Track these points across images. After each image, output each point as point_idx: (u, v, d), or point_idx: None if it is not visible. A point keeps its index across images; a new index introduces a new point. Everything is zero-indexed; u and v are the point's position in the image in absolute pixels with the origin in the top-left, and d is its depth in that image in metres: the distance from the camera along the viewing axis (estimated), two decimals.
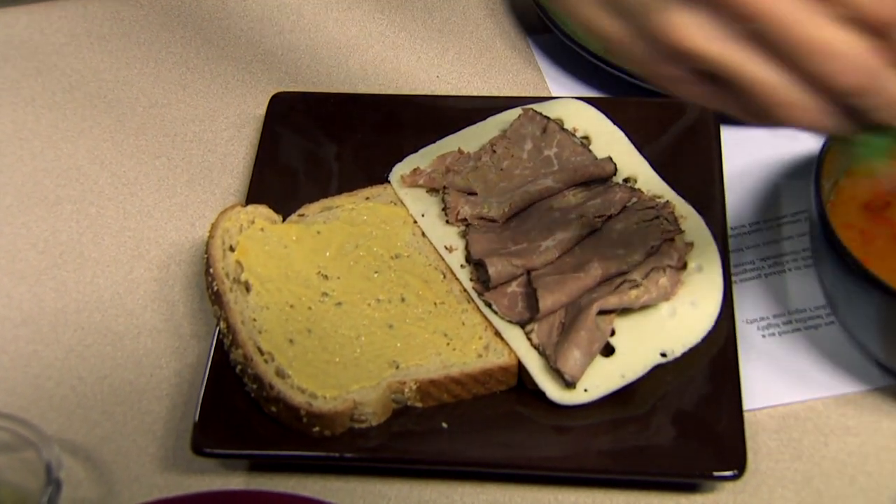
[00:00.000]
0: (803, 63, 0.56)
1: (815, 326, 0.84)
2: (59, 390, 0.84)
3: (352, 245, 0.85)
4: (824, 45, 0.55)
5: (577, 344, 0.76)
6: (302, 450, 0.76)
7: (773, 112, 0.58)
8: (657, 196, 0.86)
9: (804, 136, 0.93)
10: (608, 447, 0.75)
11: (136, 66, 1.07)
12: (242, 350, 0.79)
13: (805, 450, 0.78)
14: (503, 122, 0.92)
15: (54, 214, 0.95)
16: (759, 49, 0.56)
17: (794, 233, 0.89)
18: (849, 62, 0.55)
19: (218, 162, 0.98)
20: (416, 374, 0.77)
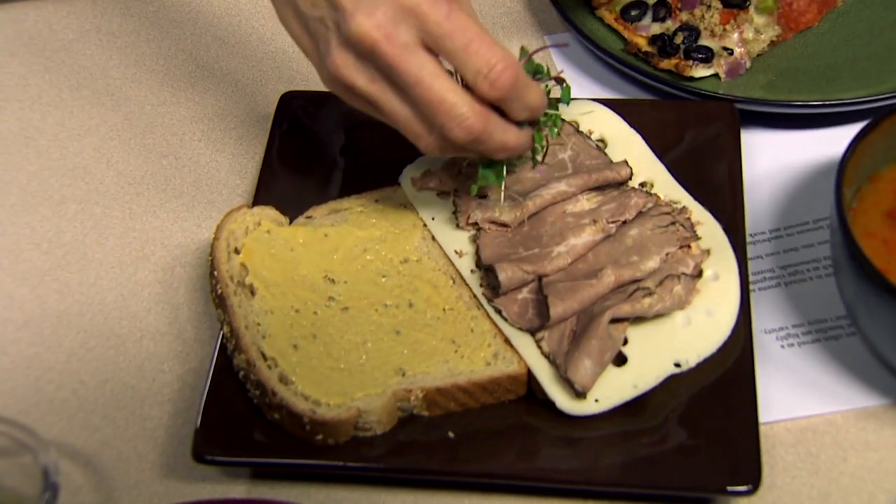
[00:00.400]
0: (430, 116, 0.72)
1: (835, 337, 0.83)
2: (60, 394, 0.84)
3: (360, 249, 0.85)
4: (446, 106, 0.71)
5: (588, 353, 0.76)
6: (305, 458, 0.76)
7: (411, 140, 0.75)
8: (674, 201, 0.85)
9: (828, 141, 0.93)
10: (619, 460, 0.75)
11: (146, 63, 1.07)
12: (245, 355, 0.78)
13: (823, 465, 0.77)
14: None
15: (59, 214, 0.95)
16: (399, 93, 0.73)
17: (815, 240, 0.88)
18: (463, 122, 0.72)
19: (226, 162, 0.98)
20: (423, 382, 0.77)
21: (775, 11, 0.99)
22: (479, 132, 0.72)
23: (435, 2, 0.71)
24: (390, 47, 0.71)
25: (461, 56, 0.71)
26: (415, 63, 0.71)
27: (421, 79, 0.71)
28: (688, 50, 0.96)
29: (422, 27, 0.71)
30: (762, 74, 0.97)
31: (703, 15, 0.98)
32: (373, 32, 0.70)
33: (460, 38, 0.71)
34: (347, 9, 0.71)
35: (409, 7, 0.70)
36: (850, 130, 0.80)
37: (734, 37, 0.97)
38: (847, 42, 0.99)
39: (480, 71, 0.71)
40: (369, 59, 0.72)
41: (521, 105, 0.74)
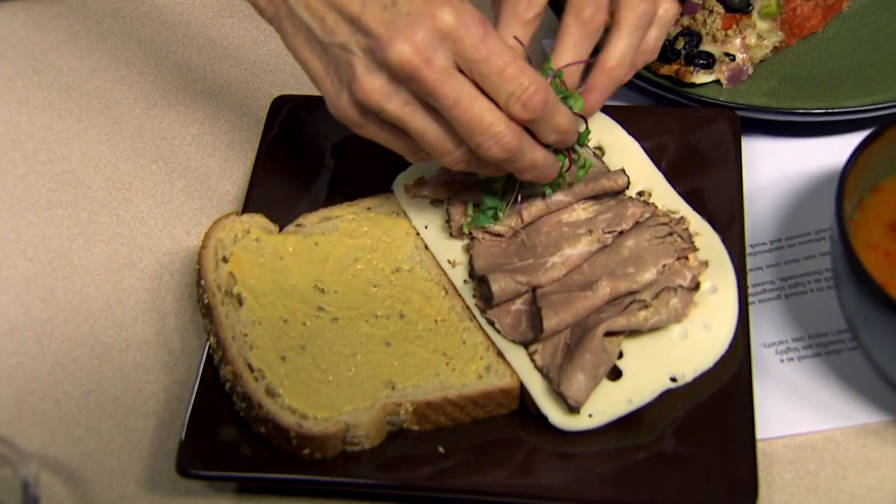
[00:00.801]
0: (467, 135, 0.74)
1: (836, 352, 0.82)
2: (43, 405, 0.84)
3: (351, 258, 0.84)
4: (484, 126, 0.73)
5: (582, 367, 0.75)
6: (291, 473, 0.75)
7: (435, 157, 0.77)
8: (672, 211, 0.85)
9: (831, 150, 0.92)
10: (613, 476, 0.74)
11: (136, 65, 1.06)
12: (232, 367, 0.78)
13: (822, 483, 0.76)
14: None
15: (45, 220, 0.95)
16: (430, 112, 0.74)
17: (817, 252, 0.87)
18: (500, 140, 0.74)
19: (216, 167, 0.98)
20: (413, 396, 0.76)
21: (779, 17, 0.99)
22: (515, 149, 0.75)
23: (470, 26, 0.72)
24: (431, 72, 0.72)
25: (495, 80, 0.73)
26: (454, 86, 0.73)
27: (460, 101, 0.73)
28: (689, 55, 0.96)
29: (458, 51, 0.72)
30: (765, 81, 0.97)
31: (705, 20, 0.97)
32: (413, 59, 0.71)
33: (495, 62, 0.73)
34: (382, 35, 0.72)
35: (445, 31, 0.72)
36: (855, 139, 0.80)
37: (736, 42, 0.96)
38: (852, 48, 0.99)
39: (514, 94, 0.73)
40: (404, 84, 0.73)
41: (550, 127, 0.76)
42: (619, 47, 0.82)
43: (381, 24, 0.72)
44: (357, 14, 0.72)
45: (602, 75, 0.83)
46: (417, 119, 0.75)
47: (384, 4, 0.72)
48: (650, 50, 0.86)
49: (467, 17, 0.72)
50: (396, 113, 0.74)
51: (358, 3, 0.73)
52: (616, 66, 0.83)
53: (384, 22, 0.72)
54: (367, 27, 0.72)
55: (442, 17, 0.72)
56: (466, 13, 0.72)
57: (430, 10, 0.72)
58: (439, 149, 0.76)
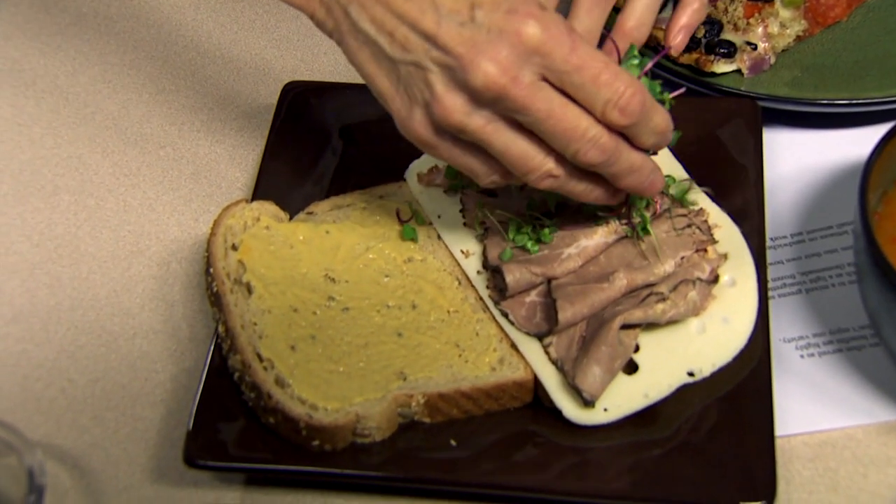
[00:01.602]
0: (562, 145, 0.72)
1: (857, 348, 0.82)
2: (48, 393, 0.84)
3: (362, 247, 0.85)
4: (580, 132, 0.71)
5: (597, 360, 0.75)
6: (301, 465, 0.76)
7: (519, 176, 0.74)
8: (691, 202, 0.85)
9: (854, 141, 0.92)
10: (627, 472, 0.74)
11: (144, 49, 1.07)
12: (241, 356, 0.78)
13: (842, 481, 0.77)
14: None
15: (51, 205, 0.95)
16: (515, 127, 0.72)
17: (839, 246, 0.88)
18: (598, 142, 0.72)
19: (226, 154, 0.98)
20: (425, 387, 0.77)
21: (802, 5, 0.99)
22: (612, 150, 0.73)
23: (558, 37, 0.70)
24: (520, 90, 0.70)
25: (590, 88, 0.71)
26: (545, 98, 0.71)
27: (552, 111, 0.71)
28: (709, 44, 0.96)
29: (546, 65, 0.70)
30: (787, 71, 0.97)
31: (727, 8, 0.98)
32: (500, 79, 0.69)
33: (589, 71, 0.70)
34: (464, 55, 0.69)
35: (532, 46, 0.69)
36: (879, 131, 0.80)
37: (758, 31, 0.97)
38: (877, 38, 0.99)
39: (610, 100, 0.71)
40: (490, 104, 0.71)
41: (649, 129, 0.74)
42: (639, 6, 0.81)
43: (461, 42, 0.69)
44: (432, 30, 0.70)
45: (621, 37, 0.81)
46: (502, 136, 0.72)
47: (461, 20, 0.69)
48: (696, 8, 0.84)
49: (553, 27, 0.70)
50: (480, 132, 0.72)
51: (432, 18, 0.70)
52: (635, 26, 0.81)
53: (464, 41, 0.69)
54: (446, 45, 0.69)
55: (527, 32, 0.69)
56: (552, 23, 0.70)
57: (514, 26, 0.69)
58: (525, 165, 0.73)
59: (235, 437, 0.77)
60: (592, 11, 0.79)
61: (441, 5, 0.70)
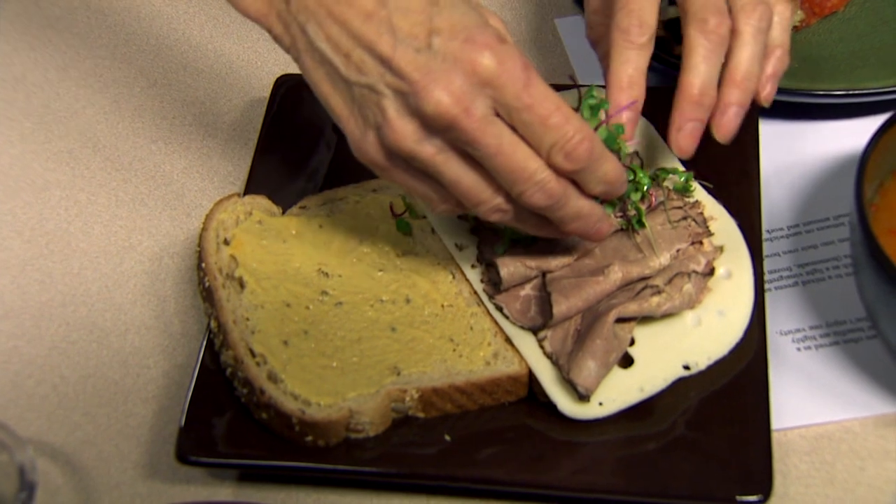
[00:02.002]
0: (508, 183, 0.71)
1: (854, 340, 0.82)
2: (40, 389, 0.84)
3: (356, 241, 0.85)
4: (527, 174, 0.70)
5: (592, 353, 0.75)
6: (294, 461, 0.76)
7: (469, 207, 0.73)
8: (688, 192, 0.85)
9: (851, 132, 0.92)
10: (623, 466, 0.74)
11: (135, 42, 1.07)
12: (233, 351, 0.78)
13: (839, 474, 0.77)
14: None
15: (42, 200, 0.95)
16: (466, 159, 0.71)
17: (836, 237, 0.88)
18: (544, 186, 0.71)
19: (218, 148, 0.98)
20: (419, 382, 0.77)
21: None
22: (559, 196, 0.72)
23: (512, 71, 0.69)
24: (470, 122, 0.68)
25: (538, 129, 0.70)
26: (495, 134, 0.69)
27: (501, 148, 0.70)
28: None
29: (498, 98, 0.69)
30: None
31: None
32: (451, 109, 0.68)
33: (538, 111, 0.69)
34: (418, 81, 0.68)
35: (485, 78, 0.68)
36: (875, 122, 0.80)
37: None
38: (874, 28, 0.99)
39: (556, 143, 0.70)
40: (440, 132, 0.70)
41: (596, 177, 0.72)
42: (745, 55, 0.79)
43: (416, 68, 0.68)
44: (388, 54, 0.68)
45: (734, 87, 0.79)
46: (452, 167, 0.71)
47: (418, 46, 0.68)
48: (780, 55, 0.83)
49: (509, 61, 0.69)
50: (430, 161, 0.71)
51: (388, 42, 0.69)
52: (746, 76, 0.80)
53: (419, 66, 0.68)
54: (400, 70, 0.68)
55: (482, 63, 0.68)
56: (508, 57, 0.69)
57: (469, 56, 0.68)
58: (474, 197, 0.72)
59: (228, 433, 0.77)
60: (709, 60, 0.78)
61: (398, 29, 0.69)
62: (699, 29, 0.78)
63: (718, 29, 0.78)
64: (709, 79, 0.78)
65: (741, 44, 0.80)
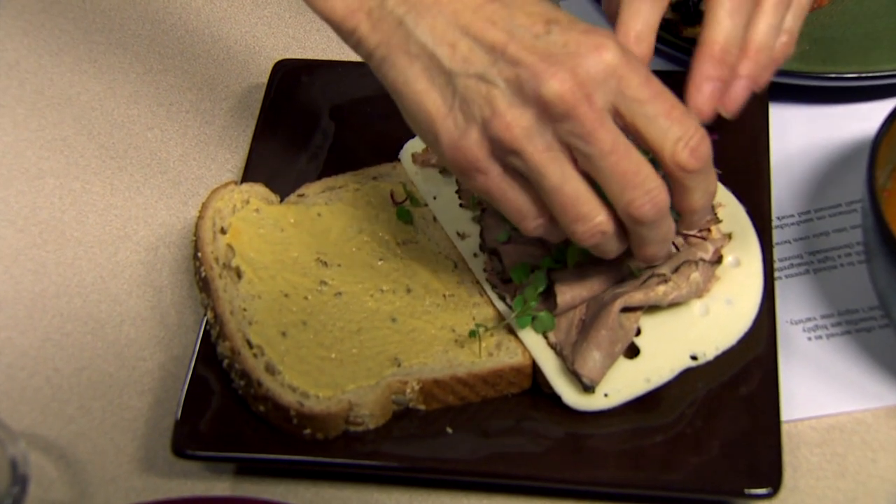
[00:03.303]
0: (618, 189, 0.68)
1: (867, 329, 0.82)
2: (33, 382, 0.84)
3: (355, 229, 0.84)
4: (640, 178, 0.67)
5: (597, 344, 0.75)
6: (292, 454, 0.76)
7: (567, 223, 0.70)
8: None
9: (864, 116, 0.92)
10: (629, 459, 0.74)
11: (131, 27, 1.06)
12: (230, 343, 0.78)
13: (850, 467, 0.77)
14: None
15: (35, 189, 0.95)
16: (574, 164, 0.68)
17: (847, 224, 0.87)
18: (655, 197, 0.68)
19: (215, 135, 0.98)
20: (420, 374, 0.77)
21: None
22: (665, 211, 0.69)
23: (636, 65, 0.67)
24: (591, 111, 0.66)
25: (662, 122, 0.67)
26: (611, 130, 0.67)
27: (616, 147, 0.67)
28: None
29: (621, 91, 0.67)
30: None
31: None
32: (574, 93, 0.65)
33: (662, 103, 0.67)
34: (537, 65, 0.66)
35: (610, 68, 0.66)
36: (889, 105, 0.80)
37: None
38: (888, 9, 0.98)
39: (682, 137, 0.67)
40: (555, 124, 0.67)
41: (704, 185, 0.70)
42: (763, 26, 0.75)
43: (534, 52, 0.66)
44: (502, 42, 0.66)
45: (745, 59, 0.75)
46: (557, 169, 0.68)
47: (536, 33, 0.67)
48: (786, 41, 0.78)
49: (629, 53, 0.67)
50: (536, 158, 0.67)
51: (503, 31, 0.67)
52: (761, 48, 0.75)
53: (538, 51, 0.66)
54: (517, 56, 0.66)
55: (607, 53, 0.66)
56: (627, 49, 0.68)
57: (594, 43, 0.66)
58: (576, 209, 0.69)
59: (225, 426, 0.77)
60: (734, 17, 0.74)
61: (513, 18, 0.67)
62: None
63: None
64: (733, 36, 0.74)
65: (761, 13, 0.75)
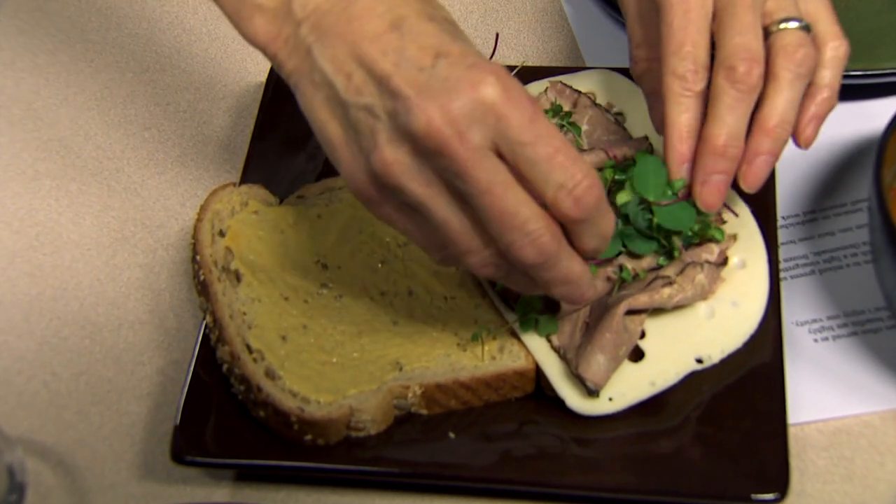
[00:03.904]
0: (497, 231, 0.66)
1: (874, 330, 0.82)
2: (30, 386, 0.84)
3: (355, 231, 0.84)
4: (519, 221, 0.66)
5: (601, 347, 0.75)
6: (293, 460, 0.75)
7: (458, 256, 0.69)
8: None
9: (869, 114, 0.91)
10: (634, 464, 0.74)
11: (127, 26, 1.06)
12: (229, 347, 0.77)
13: (858, 470, 0.76)
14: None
15: (31, 191, 0.95)
16: (457, 200, 0.67)
17: (853, 224, 0.87)
18: (536, 240, 0.66)
19: (213, 135, 0.98)
20: (422, 378, 0.76)
21: None
22: (551, 254, 0.67)
23: (518, 103, 0.65)
24: (462, 148, 0.64)
25: (543, 167, 0.65)
26: (488, 169, 0.65)
27: (493, 187, 0.65)
28: None
29: (500, 130, 0.64)
30: None
31: None
32: (444, 129, 0.64)
33: (545, 146, 0.65)
34: (412, 98, 0.64)
35: (488, 105, 0.64)
36: (895, 103, 0.79)
37: None
38: (891, 5, 0.98)
39: (565, 185, 0.65)
40: (430, 160, 0.65)
41: (595, 230, 0.68)
42: (780, 102, 0.74)
43: (412, 85, 0.64)
44: (388, 73, 0.65)
45: (764, 136, 0.74)
46: (441, 205, 0.67)
47: (421, 66, 0.65)
48: (826, 97, 0.76)
49: (515, 91, 0.65)
50: (417, 193, 0.66)
51: (391, 62, 0.65)
52: (779, 123, 0.74)
53: (416, 84, 0.64)
54: (397, 88, 0.65)
55: (486, 89, 0.64)
56: (514, 87, 0.65)
57: (474, 78, 0.64)
58: (463, 244, 0.68)
59: (225, 432, 0.76)
60: (736, 111, 0.73)
61: (404, 50, 0.66)
62: (726, 77, 0.73)
63: (748, 78, 0.73)
64: (735, 130, 0.74)
65: (776, 89, 0.74)
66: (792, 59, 0.74)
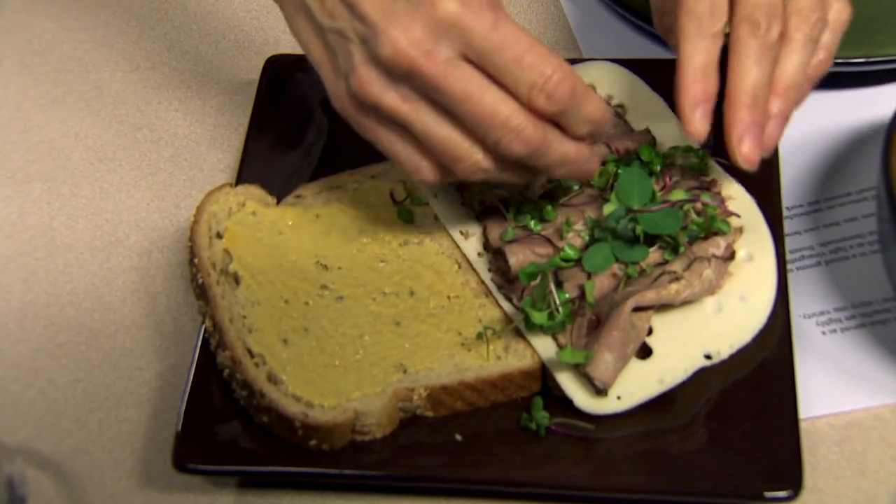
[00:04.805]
0: (482, 132, 0.70)
1: (882, 321, 0.81)
2: (26, 395, 0.83)
3: (355, 231, 0.83)
4: (501, 118, 0.69)
5: (609, 345, 0.74)
6: (297, 466, 0.75)
7: (449, 164, 0.72)
8: (701, 174, 0.83)
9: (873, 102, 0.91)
10: (643, 463, 0.73)
11: (116, 24, 1.05)
12: (230, 352, 0.77)
13: (870, 464, 0.76)
14: None
15: (23, 194, 0.94)
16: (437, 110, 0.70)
17: (860, 213, 0.86)
18: (521, 133, 0.69)
19: (206, 134, 0.97)
20: (427, 380, 0.76)
21: None
22: (538, 143, 0.70)
23: (478, 12, 0.68)
24: (432, 65, 0.68)
25: (512, 70, 0.69)
26: (461, 78, 0.69)
27: (469, 93, 0.69)
28: None
29: (465, 41, 0.68)
30: None
31: None
32: (409, 51, 0.68)
33: (510, 50, 0.68)
34: (378, 24, 0.68)
35: (449, 20, 0.68)
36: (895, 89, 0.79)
37: None
38: None
39: (535, 84, 0.69)
40: (404, 80, 0.69)
41: (580, 117, 0.71)
42: (792, 64, 0.75)
43: (377, 10, 0.68)
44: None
45: (775, 97, 0.75)
46: (422, 117, 0.71)
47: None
48: (823, 59, 0.77)
49: (475, 2, 0.68)
50: (397, 109, 0.70)
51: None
52: (790, 86, 0.75)
53: (381, 9, 0.68)
54: (364, 13, 0.69)
55: (445, 5, 0.67)
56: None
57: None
58: (450, 153, 0.71)
59: (227, 438, 0.76)
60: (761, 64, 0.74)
61: None
62: (749, 31, 0.74)
63: (770, 33, 0.74)
64: (762, 81, 0.74)
65: (790, 51, 0.75)
66: (807, 21, 0.75)
